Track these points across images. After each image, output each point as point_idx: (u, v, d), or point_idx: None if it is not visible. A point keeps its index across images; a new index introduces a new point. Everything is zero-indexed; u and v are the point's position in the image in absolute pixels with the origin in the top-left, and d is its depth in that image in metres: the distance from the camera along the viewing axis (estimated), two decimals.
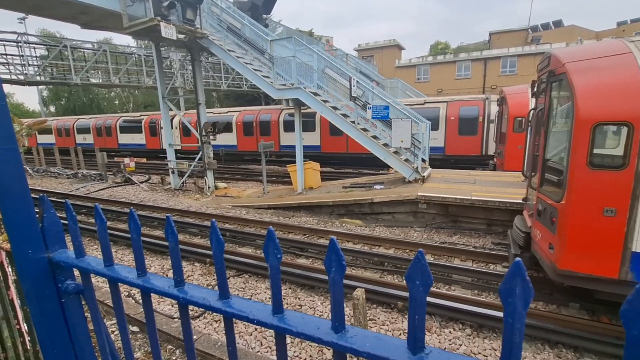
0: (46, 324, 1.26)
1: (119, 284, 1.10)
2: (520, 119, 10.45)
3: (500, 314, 4.52)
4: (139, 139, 25.55)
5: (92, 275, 1.18)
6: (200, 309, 5.26)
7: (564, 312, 4.75)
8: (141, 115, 26.43)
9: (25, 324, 1.79)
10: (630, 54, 3.93)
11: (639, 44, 4.03)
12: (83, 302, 1.31)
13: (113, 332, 4.40)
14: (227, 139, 20.70)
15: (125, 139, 26.46)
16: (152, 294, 1.01)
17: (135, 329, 4.63)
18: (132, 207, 0.99)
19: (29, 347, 1.81)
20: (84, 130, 29.07)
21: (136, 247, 1.02)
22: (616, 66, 3.92)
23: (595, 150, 3.97)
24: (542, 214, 4.67)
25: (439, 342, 4.26)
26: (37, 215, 1.21)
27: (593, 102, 3.89)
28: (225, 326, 0.89)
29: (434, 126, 14.55)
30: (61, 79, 20.58)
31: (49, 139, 30.73)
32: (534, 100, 5.95)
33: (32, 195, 1.21)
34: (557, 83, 4.63)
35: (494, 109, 14.01)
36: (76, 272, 1.29)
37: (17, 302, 1.77)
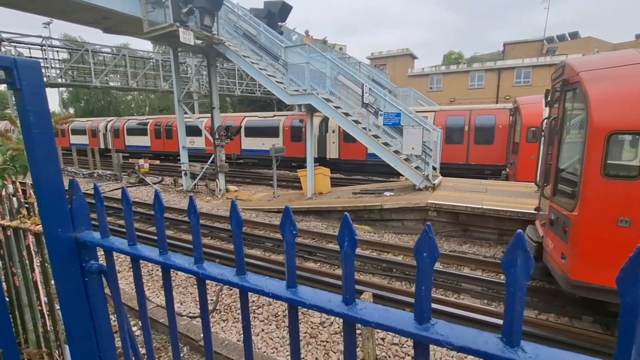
0: (70, 301, 1.33)
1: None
2: (533, 129, 10.35)
3: None
4: (83, 139, 28.46)
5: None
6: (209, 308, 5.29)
7: (576, 325, 4.65)
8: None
9: (47, 305, 1.87)
10: None
11: None
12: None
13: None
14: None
15: (74, 139, 29.23)
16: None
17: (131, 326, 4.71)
18: (157, 189, 1.06)
19: (49, 328, 1.89)
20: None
21: (159, 227, 1.09)
22: (631, 75, 3.90)
23: (610, 160, 3.93)
24: (554, 224, 4.62)
25: (447, 350, 4.21)
26: (67, 197, 1.29)
27: (607, 111, 3.87)
28: (241, 301, 0.94)
29: None
30: (81, 81, 21.28)
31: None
32: (547, 110, 5.92)
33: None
34: (571, 92, 4.61)
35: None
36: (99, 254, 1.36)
37: (40, 284, 1.85)
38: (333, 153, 18.24)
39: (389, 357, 4.05)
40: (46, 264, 1.79)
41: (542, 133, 6.08)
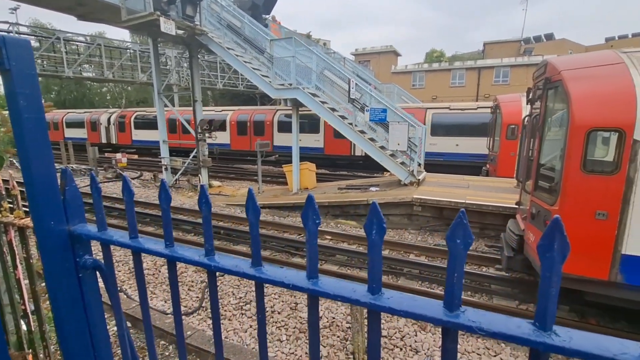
0: (63, 299, 1.26)
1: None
2: (513, 126, 10.67)
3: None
4: (81, 133, 26.91)
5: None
6: (193, 305, 5.21)
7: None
8: (85, 112, 27.13)
9: (32, 304, 1.77)
10: (623, 64, 4.07)
11: (631, 55, 4.18)
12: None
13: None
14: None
15: (70, 133, 27.52)
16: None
17: (127, 324, 4.57)
18: (163, 179, 1.01)
19: (33, 329, 1.79)
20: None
21: (165, 218, 1.04)
22: (610, 75, 4.06)
23: (589, 156, 4.10)
24: (535, 217, 4.78)
25: (434, 340, 4.31)
26: (59, 188, 1.22)
27: (587, 108, 4.02)
28: (257, 293, 0.91)
29: None
30: (52, 71, 20.27)
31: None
32: (527, 108, 6.11)
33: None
34: (552, 90, 4.76)
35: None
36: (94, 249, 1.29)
37: (23, 282, 1.75)
38: None
39: None
40: (31, 261, 1.69)
41: (524, 130, 6.27)
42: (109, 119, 25.80)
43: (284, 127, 18.05)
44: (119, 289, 5.67)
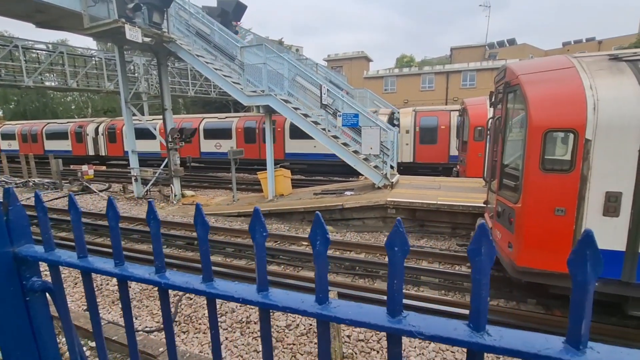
0: (8, 324, 1.19)
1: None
2: (480, 128, 11.11)
3: (465, 311, 4.73)
4: (65, 145, 24.83)
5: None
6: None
7: (522, 308, 5.05)
8: (68, 122, 25.64)
9: None
10: (573, 68, 4.35)
11: (581, 60, 4.47)
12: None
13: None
14: None
15: (51, 145, 25.34)
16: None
17: (93, 344, 4.35)
18: (110, 196, 0.98)
19: None
20: (9, 137, 27.21)
21: (114, 235, 1.01)
22: (562, 79, 4.33)
23: (547, 156, 4.33)
24: (501, 215, 4.99)
25: (409, 340, 4.38)
26: (2, 208, 1.15)
27: (544, 110, 4.26)
28: (209, 309, 0.90)
29: None
30: (11, 80, 19.20)
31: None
32: (492, 110, 6.39)
33: None
34: (512, 94, 5.01)
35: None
36: (42, 270, 1.23)
37: None
38: (406, 156, 16.35)
39: (356, 353, 4.11)
40: None
41: (488, 132, 6.54)
42: (96, 129, 23.86)
43: (297, 133, 16.33)
44: (86, 308, 5.40)
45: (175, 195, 12.27)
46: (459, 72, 28.92)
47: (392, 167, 10.50)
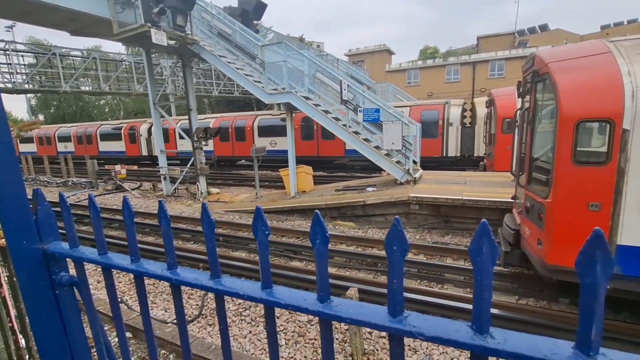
0: (41, 316, 1.27)
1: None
2: (508, 120, 10.66)
3: (493, 311, 4.59)
4: (118, 146, 24.81)
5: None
6: (193, 313, 5.22)
7: (554, 308, 4.83)
8: (121, 123, 25.42)
9: (17, 322, 1.79)
10: (609, 53, 4.07)
11: (618, 44, 4.18)
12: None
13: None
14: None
15: (105, 146, 25.65)
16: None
17: (128, 334, 4.59)
18: (125, 195, 1.02)
19: (22, 345, 1.81)
20: (65, 139, 27.85)
21: (130, 233, 1.05)
22: (597, 65, 4.06)
23: (579, 147, 4.10)
24: (530, 211, 4.78)
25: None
26: (31, 207, 1.23)
27: (576, 100, 4.02)
28: (217, 305, 0.93)
29: None
30: (50, 86, 20.41)
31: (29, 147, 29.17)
32: (520, 101, 6.11)
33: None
34: (541, 83, 4.77)
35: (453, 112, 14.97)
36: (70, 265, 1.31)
37: (9, 300, 1.77)
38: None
39: (377, 350, 4.09)
40: (14, 278, 1.71)
41: (516, 123, 6.27)
42: (149, 129, 23.27)
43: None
44: (120, 300, 5.70)
45: (201, 193, 12.65)
46: (487, 61, 27.83)
47: (414, 162, 10.29)
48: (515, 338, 0.61)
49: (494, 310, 4.59)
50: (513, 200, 6.17)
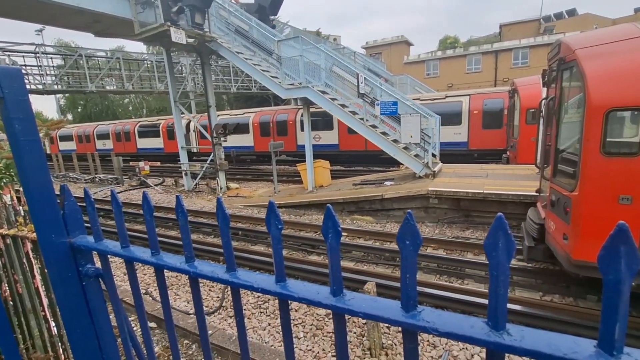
0: (70, 305, 1.34)
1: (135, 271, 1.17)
2: (532, 110, 10.27)
3: (514, 307, 4.48)
4: (157, 143, 24.43)
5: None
6: (214, 305, 5.35)
7: (581, 305, 4.66)
8: (158, 120, 25.18)
9: (50, 311, 1.89)
10: None
11: None
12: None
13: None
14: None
15: (143, 143, 25.48)
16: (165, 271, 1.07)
17: (152, 324, 4.76)
18: (144, 190, 1.05)
19: (54, 333, 1.91)
20: (103, 136, 27.96)
21: (150, 228, 1.09)
22: (628, 50, 3.84)
23: (609, 138, 3.90)
24: (555, 205, 4.60)
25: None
26: (59, 203, 1.29)
27: (605, 88, 3.82)
28: (233, 297, 0.95)
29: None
30: (77, 87, 21.20)
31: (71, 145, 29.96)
32: (545, 90, 5.86)
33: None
34: (567, 71, 4.56)
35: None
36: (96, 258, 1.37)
37: (42, 290, 1.87)
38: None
39: (395, 344, 4.08)
40: (45, 270, 1.80)
41: (541, 114, 6.03)
42: (187, 126, 22.62)
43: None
44: (144, 291, 5.92)
45: (221, 188, 12.89)
46: (510, 50, 26.81)
47: (434, 155, 10.10)
48: (533, 335, 0.59)
49: (516, 307, 4.47)
50: (537, 194, 5.96)
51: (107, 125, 29.06)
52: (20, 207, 1.92)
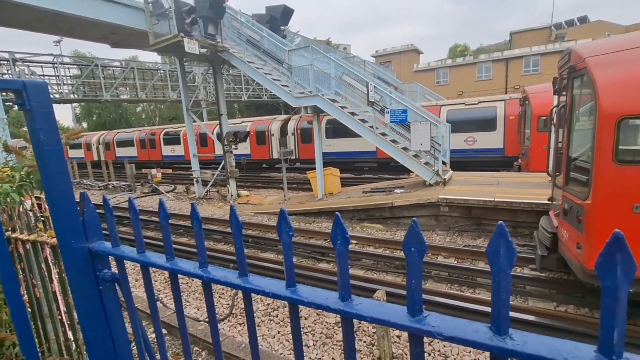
0: (87, 309, 1.39)
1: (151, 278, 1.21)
2: (544, 118, 10.15)
3: (527, 317, 4.39)
4: (181, 150, 24.30)
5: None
6: (224, 312, 5.38)
7: (597, 316, 4.54)
8: (179, 127, 24.85)
9: (66, 315, 1.95)
10: None
11: None
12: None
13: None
14: None
15: (168, 150, 25.23)
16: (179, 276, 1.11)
17: (163, 330, 4.81)
18: (161, 198, 1.10)
19: (70, 337, 1.97)
20: (127, 144, 27.52)
21: (165, 234, 1.13)
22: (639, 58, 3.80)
23: (622, 146, 3.85)
24: (568, 213, 4.53)
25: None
26: (78, 209, 1.36)
27: (617, 96, 3.79)
28: (245, 302, 0.98)
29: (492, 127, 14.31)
30: (93, 96, 21.85)
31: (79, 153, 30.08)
32: (556, 98, 5.81)
33: None
34: (578, 79, 4.53)
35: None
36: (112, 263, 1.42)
37: (59, 295, 1.93)
38: None
39: (405, 354, 4.04)
40: (63, 275, 1.87)
41: (552, 122, 5.97)
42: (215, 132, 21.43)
43: (459, 125, 14.51)
44: (156, 298, 6.00)
45: (231, 195, 13.02)
46: (520, 57, 26.63)
47: (444, 163, 10.04)
48: (535, 340, 0.61)
49: (529, 317, 4.39)
50: (550, 202, 5.87)
51: (131, 132, 28.57)
52: (40, 214, 2.00)
